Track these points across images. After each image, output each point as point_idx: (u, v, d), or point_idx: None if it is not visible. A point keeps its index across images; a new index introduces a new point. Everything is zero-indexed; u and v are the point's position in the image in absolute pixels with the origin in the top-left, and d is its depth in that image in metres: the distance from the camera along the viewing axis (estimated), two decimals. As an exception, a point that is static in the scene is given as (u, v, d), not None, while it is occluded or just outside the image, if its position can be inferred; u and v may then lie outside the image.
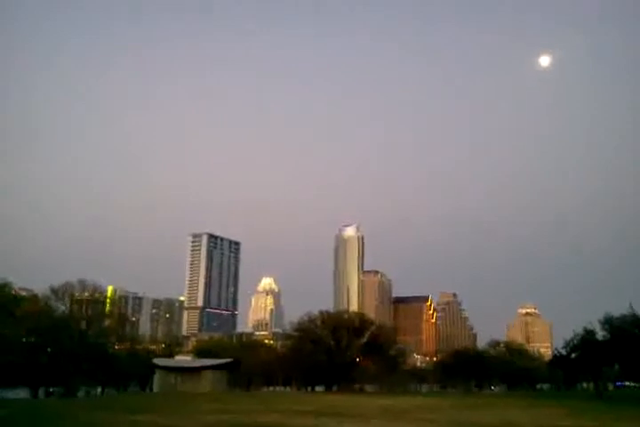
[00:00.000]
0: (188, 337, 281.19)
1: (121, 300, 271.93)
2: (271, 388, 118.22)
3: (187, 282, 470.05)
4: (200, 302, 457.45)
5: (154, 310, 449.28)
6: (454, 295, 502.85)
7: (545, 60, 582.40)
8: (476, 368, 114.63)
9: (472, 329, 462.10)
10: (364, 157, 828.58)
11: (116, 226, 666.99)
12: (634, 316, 74.87)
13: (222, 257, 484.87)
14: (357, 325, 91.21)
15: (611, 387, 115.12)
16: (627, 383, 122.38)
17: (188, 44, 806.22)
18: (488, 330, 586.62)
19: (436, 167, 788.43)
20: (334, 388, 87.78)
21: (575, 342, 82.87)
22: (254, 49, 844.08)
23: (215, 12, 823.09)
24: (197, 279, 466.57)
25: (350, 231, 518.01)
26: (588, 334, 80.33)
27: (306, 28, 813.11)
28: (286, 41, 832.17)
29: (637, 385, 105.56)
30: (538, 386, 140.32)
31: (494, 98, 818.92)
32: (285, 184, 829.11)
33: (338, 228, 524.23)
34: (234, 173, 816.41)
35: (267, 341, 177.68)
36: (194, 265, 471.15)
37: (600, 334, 78.76)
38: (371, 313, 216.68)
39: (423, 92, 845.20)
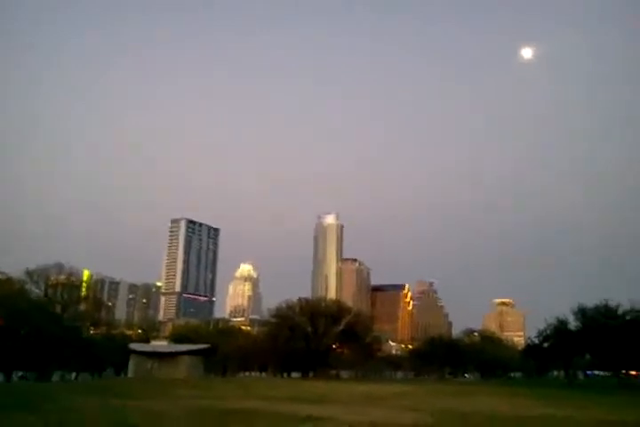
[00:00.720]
0: (164, 322, 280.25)
1: (97, 284, 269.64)
2: (247, 373, 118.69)
3: (164, 267, 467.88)
4: (177, 288, 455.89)
5: (130, 295, 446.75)
6: (431, 284, 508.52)
7: (533, 56, 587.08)
8: (450, 356, 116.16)
9: (448, 318, 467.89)
10: (346, 147, 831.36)
11: (95, 211, 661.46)
12: (606, 307, 76.47)
13: (201, 243, 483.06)
14: (335, 312, 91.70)
15: (581, 376, 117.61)
16: (596, 372, 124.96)
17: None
18: (463, 319, 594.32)
19: (419, 160, 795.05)
20: (310, 374, 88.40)
21: (548, 331, 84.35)
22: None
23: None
24: (175, 265, 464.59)
25: (330, 220, 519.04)
26: (561, 324, 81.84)
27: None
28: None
29: (607, 374, 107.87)
30: (511, 374, 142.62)
31: (489, 96, 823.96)
32: (266, 172, 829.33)
33: (318, 216, 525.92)
34: (215, 159, 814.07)
35: (244, 327, 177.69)
36: (172, 250, 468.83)
37: (573, 324, 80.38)
38: (348, 301, 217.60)
39: (414, 88, 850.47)
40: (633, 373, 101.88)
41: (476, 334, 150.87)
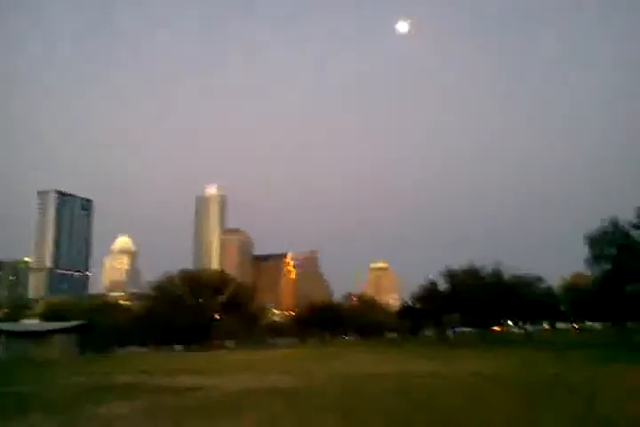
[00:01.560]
0: (35, 300, 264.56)
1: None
2: (127, 349, 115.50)
3: (34, 242, 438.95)
4: (48, 263, 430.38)
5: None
6: (312, 252, 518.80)
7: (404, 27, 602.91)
8: (331, 320, 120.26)
9: (328, 284, 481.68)
10: (230, 119, 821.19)
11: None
12: (472, 270, 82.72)
13: (73, 215, 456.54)
14: (217, 283, 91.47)
15: (449, 333, 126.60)
16: (463, 329, 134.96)
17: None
18: (343, 284, 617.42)
19: (296, 130, 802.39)
20: (194, 346, 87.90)
21: (421, 293, 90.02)
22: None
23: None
24: (45, 239, 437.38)
25: (212, 190, 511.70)
26: (432, 286, 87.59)
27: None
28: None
29: (472, 331, 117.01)
30: (387, 334, 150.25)
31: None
32: (144, 142, 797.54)
33: (199, 187, 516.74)
34: (90, 129, 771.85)
35: (122, 302, 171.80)
36: (41, 224, 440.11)
37: (443, 286, 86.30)
38: (232, 271, 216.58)
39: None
40: (495, 328, 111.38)
41: (354, 298, 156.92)
